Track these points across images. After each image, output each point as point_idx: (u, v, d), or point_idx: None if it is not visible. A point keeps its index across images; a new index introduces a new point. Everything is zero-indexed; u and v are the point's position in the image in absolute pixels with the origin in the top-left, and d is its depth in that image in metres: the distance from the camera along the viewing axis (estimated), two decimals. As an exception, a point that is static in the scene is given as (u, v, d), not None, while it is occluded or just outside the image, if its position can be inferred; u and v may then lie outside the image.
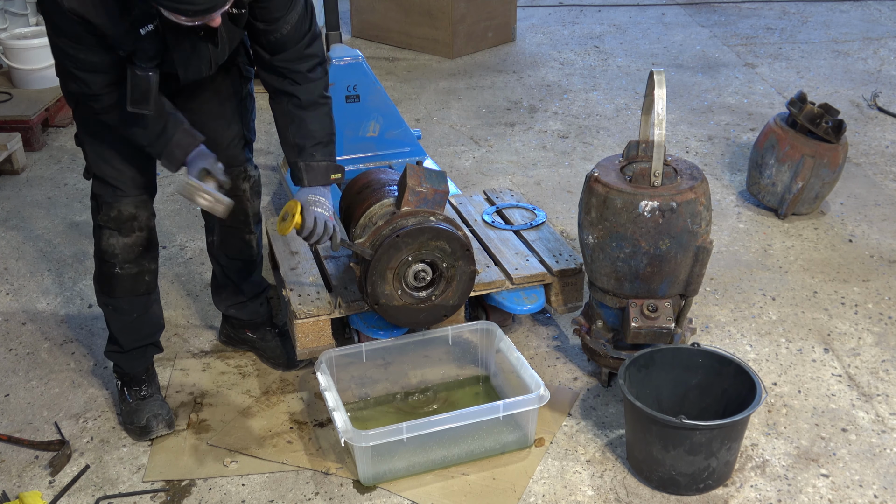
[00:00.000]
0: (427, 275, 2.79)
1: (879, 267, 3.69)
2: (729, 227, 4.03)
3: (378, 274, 2.72)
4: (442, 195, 2.82)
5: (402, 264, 2.74)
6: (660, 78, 2.64)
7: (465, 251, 2.79)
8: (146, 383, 2.92)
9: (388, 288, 2.75)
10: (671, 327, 2.72)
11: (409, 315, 2.83)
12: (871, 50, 6.31)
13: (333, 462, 2.73)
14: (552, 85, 5.78)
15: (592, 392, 3.01)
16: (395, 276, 2.75)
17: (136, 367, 2.90)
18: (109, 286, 2.76)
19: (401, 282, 2.77)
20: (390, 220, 2.76)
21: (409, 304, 2.81)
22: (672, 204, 2.66)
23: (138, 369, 2.90)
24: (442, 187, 2.82)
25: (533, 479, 2.66)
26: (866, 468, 2.68)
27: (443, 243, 2.75)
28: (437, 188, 2.81)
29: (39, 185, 4.54)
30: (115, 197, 2.65)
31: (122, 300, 2.78)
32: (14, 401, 3.03)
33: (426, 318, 2.87)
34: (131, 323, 2.83)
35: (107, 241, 2.69)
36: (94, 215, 2.71)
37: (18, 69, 5.15)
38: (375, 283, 2.73)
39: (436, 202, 2.82)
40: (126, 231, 2.68)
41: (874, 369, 3.09)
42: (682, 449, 2.49)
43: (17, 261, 3.87)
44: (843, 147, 3.94)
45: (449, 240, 2.76)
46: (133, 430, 2.84)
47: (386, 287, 2.75)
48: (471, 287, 2.88)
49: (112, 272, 2.73)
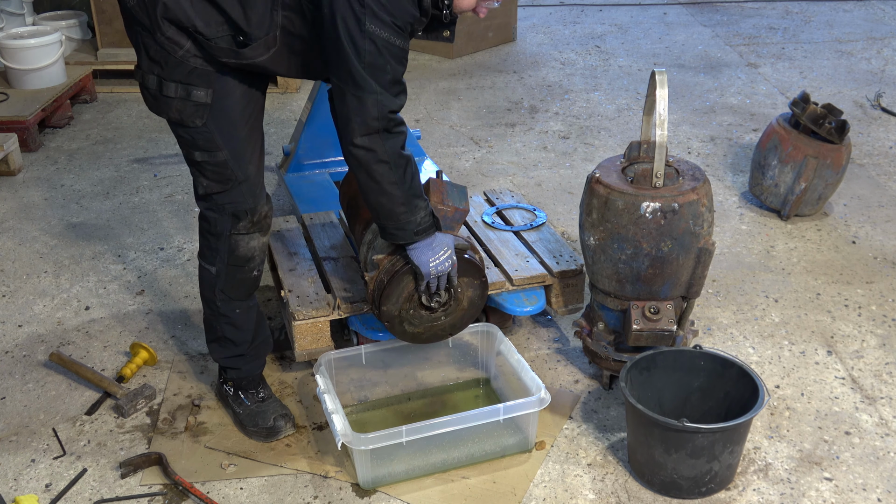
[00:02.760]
0: (441, 298, 2.74)
1: (883, 269, 3.67)
2: (731, 228, 4.01)
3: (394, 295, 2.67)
4: (462, 214, 2.80)
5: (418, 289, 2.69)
6: (661, 78, 2.63)
7: (482, 279, 2.75)
8: (262, 384, 2.91)
9: (402, 307, 2.71)
10: (673, 329, 2.71)
11: (415, 336, 2.79)
12: (874, 50, 6.29)
13: (332, 465, 2.71)
14: (553, 85, 5.76)
15: (594, 395, 2.99)
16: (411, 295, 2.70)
17: (255, 369, 2.88)
18: (245, 290, 2.74)
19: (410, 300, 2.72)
20: None
21: (419, 323, 2.76)
22: (674, 205, 2.64)
23: (257, 371, 2.89)
24: (463, 206, 2.80)
25: (534, 482, 2.64)
26: (870, 471, 2.66)
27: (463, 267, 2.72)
28: (459, 206, 2.78)
29: (36, 187, 4.52)
30: (256, 198, 2.62)
31: (252, 299, 2.78)
32: (10, 403, 3.01)
33: (429, 338, 2.82)
34: (256, 317, 2.83)
35: (247, 246, 2.65)
36: (225, 227, 2.62)
37: (15, 69, 5.14)
38: (389, 300, 2.68)
39: (455, 220, 2.80)
40: (265, 228, 2.68)
41: (878, 372, 3.07)
42: (684, 452, 2.47)
43: (14, 263, 3.85)
44: (847, 148, 3.92)
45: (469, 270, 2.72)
46: (258, 433, 2.81)
47: (399, 307, 2.70)
48: (479, 311, 2.83)
49: (249, 276, 2.71)
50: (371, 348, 2.91)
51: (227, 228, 2.63)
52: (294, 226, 3.42)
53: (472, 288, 2.75)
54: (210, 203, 2.62)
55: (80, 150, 4.90)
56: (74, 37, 5.84)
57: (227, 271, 2.69)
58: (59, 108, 5.16)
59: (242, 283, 2.72)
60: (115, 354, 3.23)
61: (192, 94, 2.45)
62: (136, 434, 2.86)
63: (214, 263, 2.69)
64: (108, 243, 3.98)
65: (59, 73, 5.27)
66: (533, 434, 2.74)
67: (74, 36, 5.84)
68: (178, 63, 2.42)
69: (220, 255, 2.67)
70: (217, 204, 2.61)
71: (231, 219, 2.62)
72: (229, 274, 2.69)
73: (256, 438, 2.82)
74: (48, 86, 5.16)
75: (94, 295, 3.60)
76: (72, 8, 6.17)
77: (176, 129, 2.55)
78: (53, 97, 5.08)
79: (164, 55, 2.41)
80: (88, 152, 4.88)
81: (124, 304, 3.53)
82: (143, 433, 2.87)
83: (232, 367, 2.85)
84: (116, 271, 3.75)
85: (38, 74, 5.15)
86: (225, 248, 2.65)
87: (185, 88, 2.44)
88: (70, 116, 5.29)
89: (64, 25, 5.75)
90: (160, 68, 2.44)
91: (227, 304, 2.75)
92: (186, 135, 2.52)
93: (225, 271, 2.69)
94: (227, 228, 2.63)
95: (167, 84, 2.44)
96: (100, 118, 5.35)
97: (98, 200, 4.36)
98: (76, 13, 6.00)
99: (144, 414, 2.94)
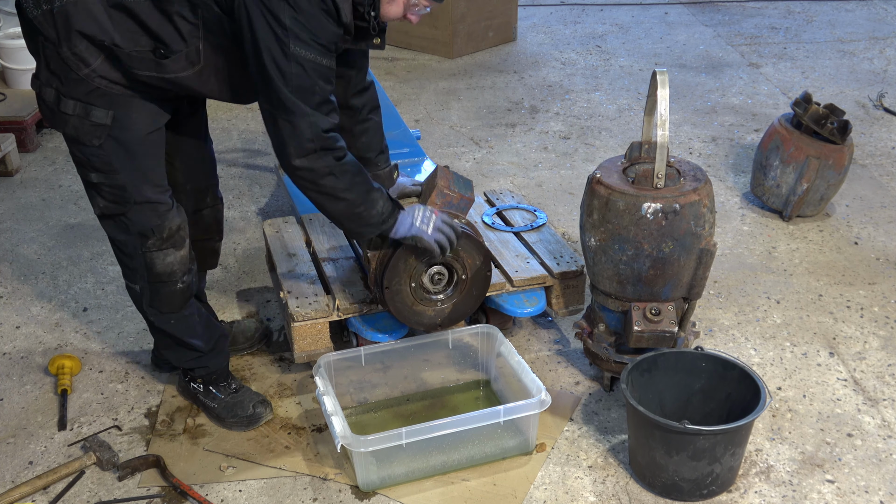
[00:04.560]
0: (443, 278, 2.78)
1: (885, 270, 3.66)
2: (733, 229, 4.00)
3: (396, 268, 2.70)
4: (467, 203, 2.81)
5: (428, 259, 2.72)
6: (663, 78, 2.62)
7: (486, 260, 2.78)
8: (230, 376, 2.91)
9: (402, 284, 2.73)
10: (674, 331, 2.70)
11: (414, 314, 2.81)
12: (877, 49, 6.27)
13: (332, 468, 2.70)
14: (553, 85, 5.74)
15: (594, 396, 2.98)
16: (414, 272, 2.73)
17: (221, 363, 2.87)
18: (173, 303, 2.67)
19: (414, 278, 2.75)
20: None
21: (418, 302, 2.79)
22: (675, 206, 2.63)
23: (224, 364, 2.89)
24: (468, 195, 2.82)
25: (534, 484, 2.63)
26: (872, 474, 2.64)
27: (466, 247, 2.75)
28: (464, 195, 2.80)
29: (34, 187, 4.51)
30: (161, 216, 2.53)
31: (186, 308, 2.72)
32: (8, 405, 3.00)
33: (428, 322, 2.84)
34: (201, 321, 2.79)
35: (163, 262, 2.57)
36: (135, 247, 2.56)
37: (13, 69, 5.11)
38: (392, 273, 2.70)
39: (460, 208, 2.82)
40: (179, 243, 2.59)
41: (880, 373, 3.06)
42: (685, 454, 2.46)
43: (11, 264, 3.84)
44: (849, 148, 3.91)
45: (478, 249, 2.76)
46: (239, 422, 2.83)
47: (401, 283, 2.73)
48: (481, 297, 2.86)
49: (174, 290, 2.64)
50: (370, 350, 2.90)
51: (137, 248, 2.55)
52: (293, 226, 3.41)
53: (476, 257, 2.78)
54: (112, 223, 2.55)
55: (79, 151, 4.89)
56: (73, 37, 5.83)
57: (150, 288, 2.63)
58: (57, 108, 5.14)
59: (170, 297, 2.65)
60: (114, 356, 3.22)
61: (91, 114, 2.36)
62: (134, 436, 2.85)
63: (136, 282, 2.64)
64: (107, 244, 3.94)
65: (58, 74, 5.25)
66: (533, 436, 2.73)
67: (73, 36, 5.83)
68: (80, 80, 2.33)
69: (139, 272, 2.60)
70: (120, 223, 2.53)
71: (138, 237, 2.53)
72: (153, 290, 2.63)
73: (237, 429, 2.83)
74: (47, 86, 5.15)
75: (92, 296, 3.59)
76: (71, 8, 6.15)
77: (71, 147, 2.46)
78: (52, 97, 5.06)
79: (66, 70, 2.32)
80: (87, 153, 4.87)
81: (123, 305, 3.51)
82: (141, 435, 2.85)
83: (197, 366, 2.85)
84: (115, 272, 3.74)
85: (37, 74, 5.13)
86: (142, 266, 2.58)
87: (84, 107, 2.35)
88: (69, 117, 5.27)
89: (63, 25, 5.73)
90: (59, 83, 2.34)
91: (160, 318, 2.71)
92: (81, 154, 2.44)
93: (148, 288, 2.63)
94: (137, 248, 2.55)
95: (65, 100, 2.35)
96: (99, 118, 5.34)
97: (97, 201, 4.34)
98: (75, 13, 5.98)
99: (143, 416, 2.93)
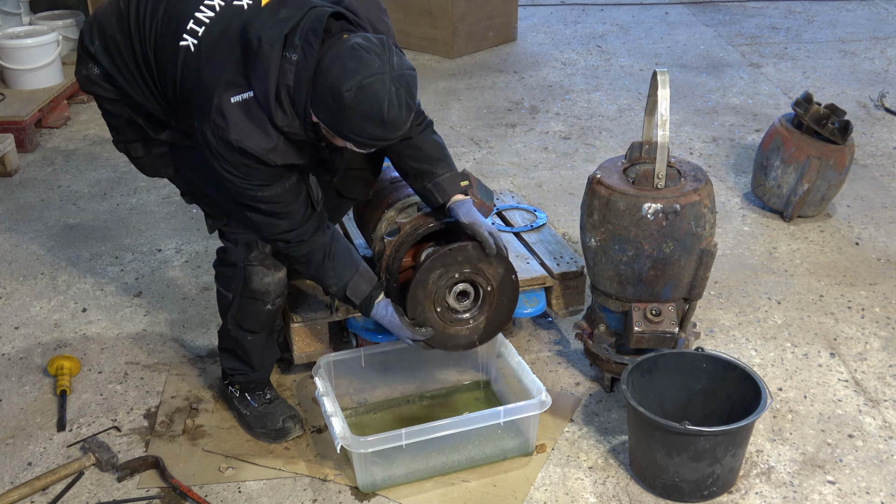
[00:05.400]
0: (468, 295, 2.69)
1: (886, 270, 3.65)
2: (733, 229, 3.99)
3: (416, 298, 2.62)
4: (486, 211, 2.76)
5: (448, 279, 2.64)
6: (663, 78, 2.61)
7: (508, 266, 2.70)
8: (268, 386, 2.90)
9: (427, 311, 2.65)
10: (675, 331, 2.69)
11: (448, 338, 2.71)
12: (878, 50, 6.26)
13: (332, 468, 2.69)
14: (554, 85, 5.73)
15: (595, 397, 2.97)
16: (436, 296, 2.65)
17: (263, 375, 2.87)
18: (255, 322, 2.71)
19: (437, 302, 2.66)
20: None
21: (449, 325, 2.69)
22: (676, 206, 2.62)
23: (265, 376, 2.88)
24: (489, 203, 2.79)
25: (534, 485, 2.62)
26: (873, 475, 2.64)
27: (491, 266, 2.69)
28: (485, 202, 2.77)
29: (33, 188, 4.50)
30: None
31: (263, 333, 2.75)
32: (7, 406, 2.99)
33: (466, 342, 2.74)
34: (268, 346, 2.82)
35: (260, 281, 2.63)
36: (236, 256, 2.63)
37: (11, 69, 5.11)
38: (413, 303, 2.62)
39: None
40: (279, 266, 2.66)
41: (881, 374, 3.05)
42: (685, 455, 2.45)
43: (10, 264, 3.83)
44: (850, 148, 3.90)
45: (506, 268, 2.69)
46: (267, 434, 2.81)
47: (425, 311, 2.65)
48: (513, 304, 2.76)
49: (262, 310, 2.68)
50: (370, 350, 2.89)
51: (240, 258, 2.63)
52: (293, 227, 3.40)
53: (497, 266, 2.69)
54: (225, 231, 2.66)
55: (78, 151, 4.88)
56: (71, 37, 5.80)
57: (240, 301, 2.69)
58: (55, 108, 5.14)
59: (256, 316, 2.70)
60: (113, 356, 3.21)
61: None
62: (133, 437, 2.84)
63: (230, 290, 2.70)
64: (106, 245, 3.95)
65: (56, 73, 5.24)
66: (534, 437, 2.72)
67: (71, 36, 5.80)
68: None
69: (235, 283, 2.67)
70: (232, 232, 2.63)
71: (244, 248, 2.62)
72: (242, 304, 2.69)
73: (264, 440, 2.81)
74: (45, 86, 5.14)
75: (91, 297, 3.58)
76: (69, 7, 6.13)
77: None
78: (50, 97, 5.05)
79: None
80: (85, 153, 4.86)
81: (122, 305, 3.51)
82: (140, 436, 2.85)
83: (239, 373, 2.84)
84: (114, 273, 3.73)
85: (35, 74, 5.13)
86: (240, 278, 2.65)
87: None
88: (67, 117, 5.26)
89: (61, 25, 5.72)
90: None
91: (238, 331, 2.74)
92: None
93: (239, 301, 2.69)
94: (240, 258, 2.63)
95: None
96: (97, 118, 5.30)
97: (95, 201, 4.33)
98: (73, 13, 5.97)
99: (142, 417, 2.92)
